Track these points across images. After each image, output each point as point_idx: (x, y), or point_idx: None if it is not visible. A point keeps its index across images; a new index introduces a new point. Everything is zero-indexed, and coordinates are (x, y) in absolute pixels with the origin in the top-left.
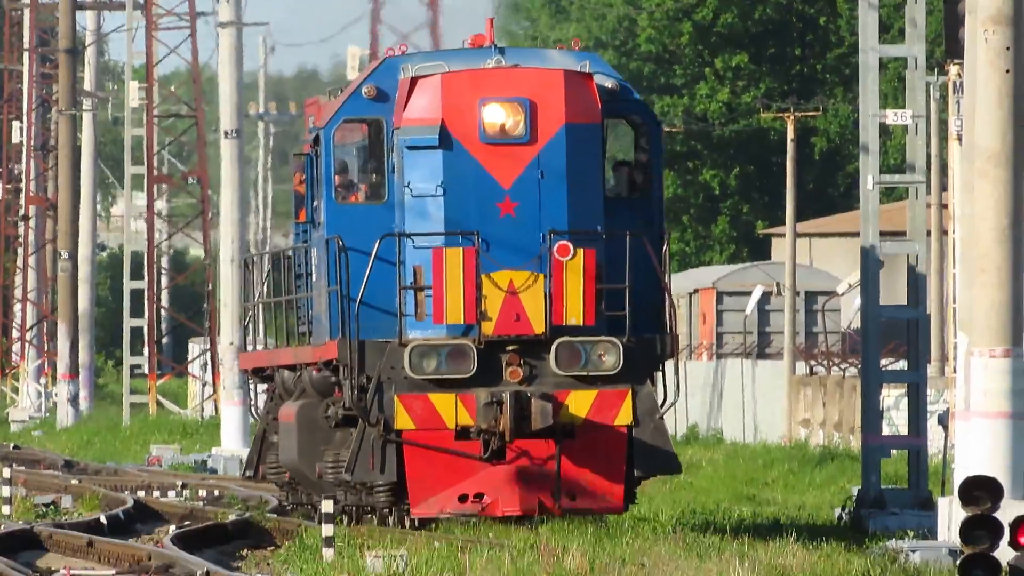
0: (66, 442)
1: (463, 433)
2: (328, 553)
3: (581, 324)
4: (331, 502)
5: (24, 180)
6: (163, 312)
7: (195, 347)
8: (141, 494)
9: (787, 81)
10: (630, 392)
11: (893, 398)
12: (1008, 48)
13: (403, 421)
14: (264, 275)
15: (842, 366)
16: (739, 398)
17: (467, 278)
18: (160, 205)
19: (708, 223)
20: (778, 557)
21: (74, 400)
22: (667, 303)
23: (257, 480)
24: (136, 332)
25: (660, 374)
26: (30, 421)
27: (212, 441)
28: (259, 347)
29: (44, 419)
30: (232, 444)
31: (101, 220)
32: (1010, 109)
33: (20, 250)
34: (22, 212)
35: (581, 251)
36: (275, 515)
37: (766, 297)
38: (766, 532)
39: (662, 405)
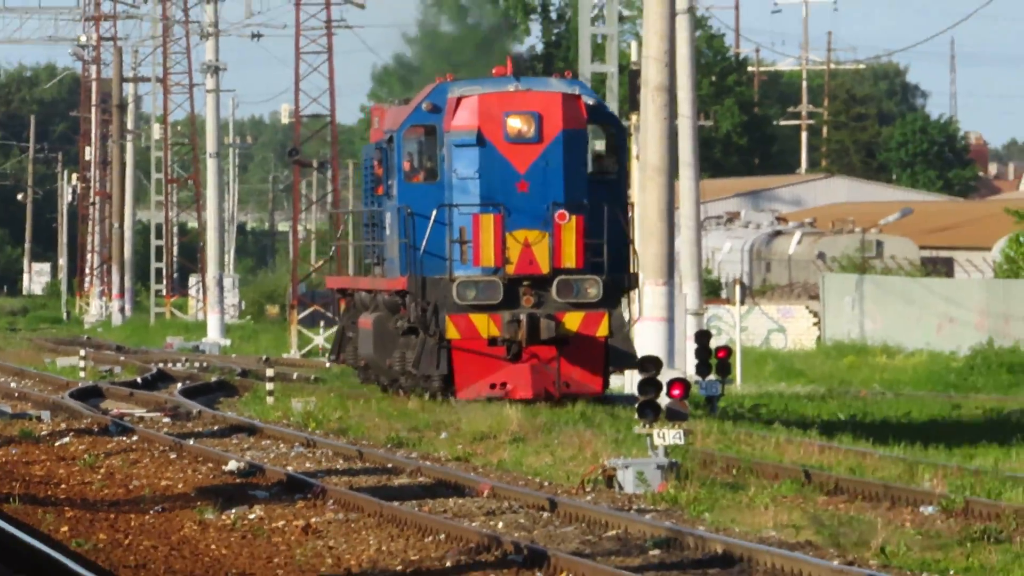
0: (117, 335)
1: (493, 341)
2: (270, 400)
3: (574, 266)
4: (272, 370)
5: (92, 181)
6: (174, 259)
7: (193, 279)
8: (161, 365)
9: None
10: (607, 314)
11: None
12: (665, 105)
13: (452, 333)
14: (342, 227)
15: None
16: None
17: (496, 235)
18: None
19: None
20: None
21: (121, 310)
22: (631, 252)
23: (339, 363)
24: (158, 271)
25: (626, 301)
26: (96, 323)
27: (202, 334)
28: (343, 275)
29: (104, 322)
30: (213, 336)
31: (138, 204)
32: (666, 143)
33: (90, 222)
34: (91, 199)
35: (574, 217)
36: (239, 377)
37: None
38: None
39: (628, 322)
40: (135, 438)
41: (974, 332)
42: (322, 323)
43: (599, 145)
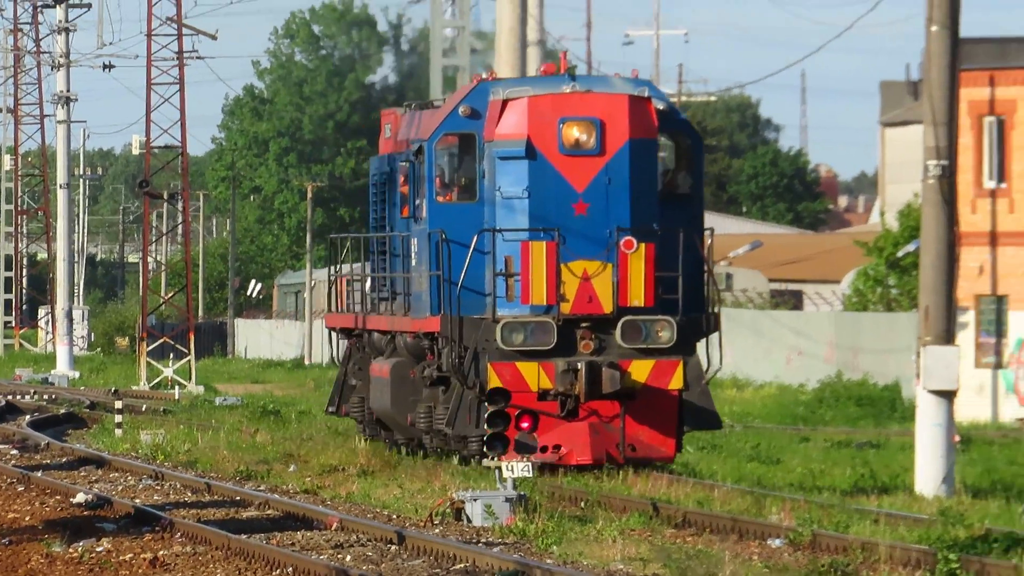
0: None
1: (544, 395)
2: (118, 432)
3: (642, 305)
4: (120, 402)
5: None
6: (23, 291)
7: (42, 311)
8: (9, 397)
9: None
10: (682, 362)
11: None
12: None
13: (495, 384)
14: (343, 255)
15: None
16: None
17: (549, 266)
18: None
19: None
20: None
21: None
22: (711, 287)
23: (340, 415)
24: (7, 302)
25: (704, 345)
26: None
27: (51, 366)
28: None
29: None
30: (63, 368)
31: None
32: None
33: None
34: None
35: (643, 245)
36: (88, 409)
37: None
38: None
39: (706, 371)
40: None
41: (823, 365)
42: (171, 355)
43: (670, 159)
